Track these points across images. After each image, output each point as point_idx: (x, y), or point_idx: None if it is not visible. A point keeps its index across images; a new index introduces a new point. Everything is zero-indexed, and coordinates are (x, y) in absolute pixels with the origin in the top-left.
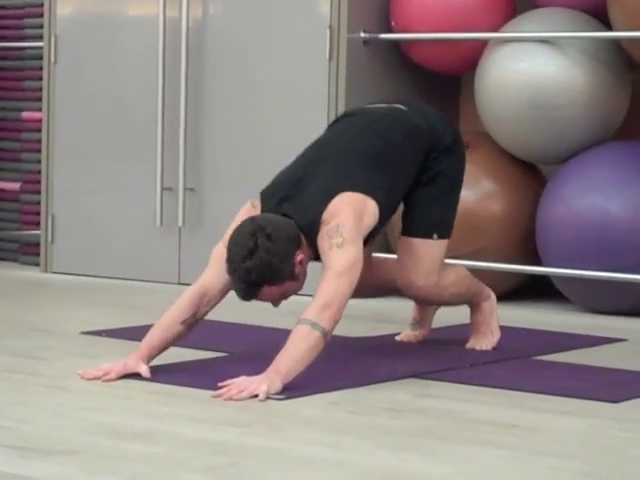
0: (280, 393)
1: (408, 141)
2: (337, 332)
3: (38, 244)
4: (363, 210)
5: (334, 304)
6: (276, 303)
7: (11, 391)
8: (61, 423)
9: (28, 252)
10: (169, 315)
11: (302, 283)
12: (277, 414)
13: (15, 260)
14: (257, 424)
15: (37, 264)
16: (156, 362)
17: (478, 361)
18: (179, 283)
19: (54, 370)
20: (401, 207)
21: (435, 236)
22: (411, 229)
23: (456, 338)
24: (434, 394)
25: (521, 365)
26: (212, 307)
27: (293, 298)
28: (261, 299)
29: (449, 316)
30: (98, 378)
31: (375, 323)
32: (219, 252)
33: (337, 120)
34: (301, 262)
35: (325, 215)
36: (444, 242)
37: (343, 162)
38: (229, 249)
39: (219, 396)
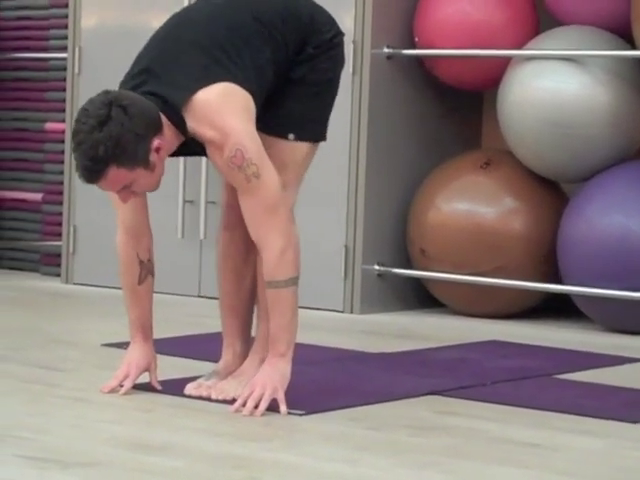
0: (300, 409)
1: (282, 25)
2: (357, 347)
3: (59, 255)
4: (246, 105)
5: (287, 243)
6: (124, 195)
7: (31, 402)
8: (81, 435)
9: (49, 263)
10: (128, 283)
11: (157, 181)
12: (297, 429)
13: (36, 271)
14: (277, 439)
15: (58, 275)
16: (176, 375)
17: (499, 379)
18: (199, 296)
19: (74, 382)
20: None
21: (291, 136)
22: (267, 126)
23: (476, 355)
24: (454, 412)
25: (541, 383)
26: (151, 243)
27: (314, 313)
28: (107, 185)
29: (469, 333)
30: (116, 386)
31: (396, 339)
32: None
33: None
34: (158, 150)
35: (201, 105)
36: (303, 145)
37: (211, 43)
38: (77, 119)
39: (238, 411)
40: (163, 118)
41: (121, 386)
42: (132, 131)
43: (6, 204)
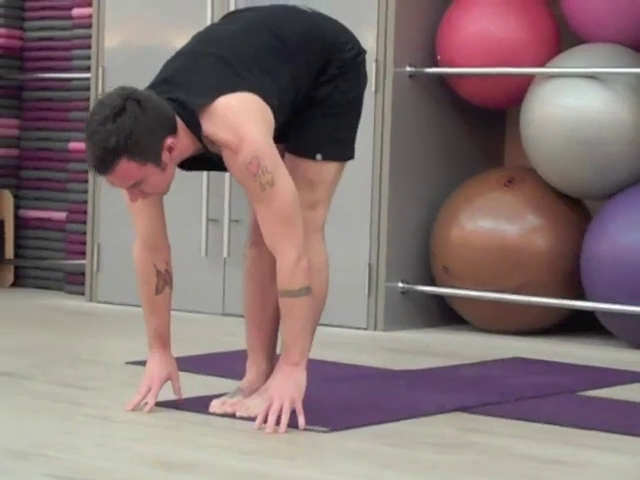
0: (324, 426)
1: (304, 45)
2: (381, 364)
3: (83, 273)
4: (265, 116)
5: (301, 253)
6: (133, 194)
7: (57, 421)
8: (106, 453)
9: (73, 281)
10: (145, 294)
11: (167, 182)
12: (321, 446)
13: (61, 289)
14: (301, 456)
15: (82, 293)
16: (201, 393)
17: (523, 396)
18: (223, 314)
19: (99, 400)
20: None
21: (319, 157)
22: (294, 147)
23: (500, 372)
24: (479, 429)
25: (566, 400)
26: (169, 255)
27: (338, 331)
28: (117, 179)
29: (493, 350)
30: (140, 402)
31: (419, 356)
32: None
33: (230, 14)
34: (171, 150)
35: (220, 108)
36: (331, 165)
37: (234, 58)
38: (92, 110)
39: (261, 428)
40: (179, 122)
41: (146, 403)
42: (145, 125)
43: (31, 223)
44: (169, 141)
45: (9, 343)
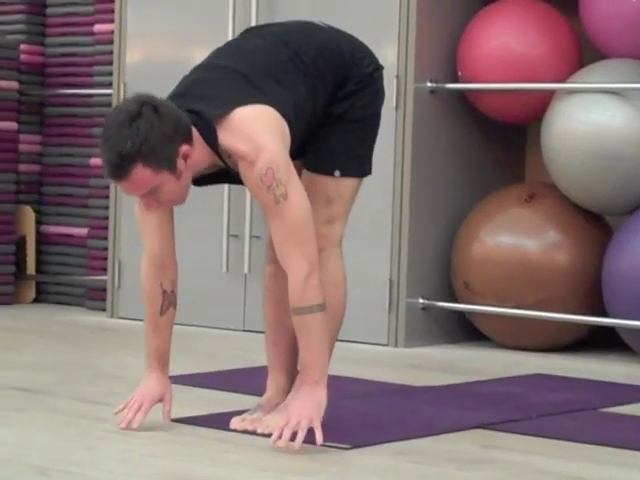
0: (346, 442)
1: (321, 61)
2: (402, 381)
3: (105, 289)
4: (282, 128)
5: (312, 270)
6: (147, 202)
7: (77, 437)
8: (127, 469)
9: (95, 297)
10: (149, 313)
11: (183, 192)
12: (343, 463)
13: (82, 305)
14: (323, 473)
15: (103, 309)
16: (222, 409)
17: (544, 412)
18: (244, 330)
19: (120, 416)
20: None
21: (337, 173)
22: (313, 163)
23: (521, 389)
24: (500, 445)
25: (587, 417)
26: (176, 274)
27: (359, 347)
28: (132, 186)
29: (514, 366)
30: (132, 418)
31: (440, 372)
32: (142, 216)
33: (248, 30)
34: (186, 157)
35: (237, 119)
36: (349, 180)
37: (252, 72)
38: (108, 114)
39: (279, 445)
40: (195, 132)
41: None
42: (161, 130)
43: (52, 239)
44: (184, 148)
45: (30, 359)
